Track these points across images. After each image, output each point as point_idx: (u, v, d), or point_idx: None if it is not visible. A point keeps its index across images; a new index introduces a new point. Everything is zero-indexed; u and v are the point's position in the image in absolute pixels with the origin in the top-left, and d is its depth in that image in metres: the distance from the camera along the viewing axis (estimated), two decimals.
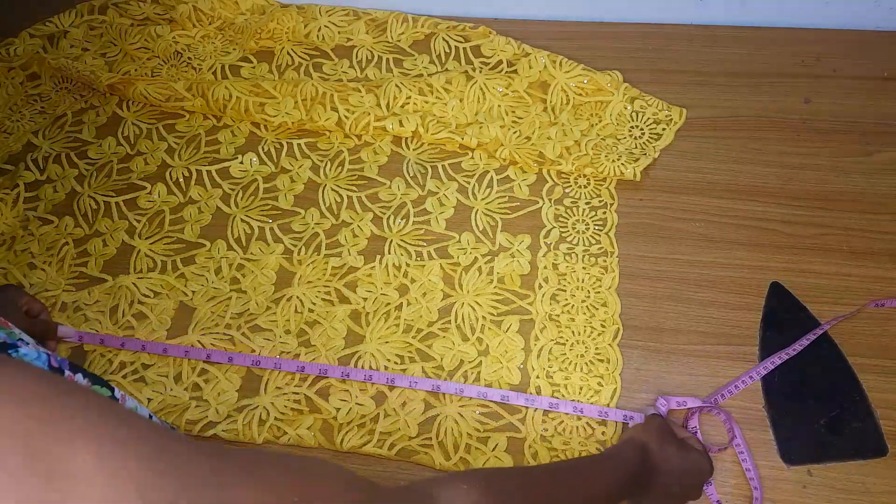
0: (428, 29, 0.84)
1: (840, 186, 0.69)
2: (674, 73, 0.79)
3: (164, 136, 0.78)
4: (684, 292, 0.63)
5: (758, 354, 0.60)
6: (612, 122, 0.75)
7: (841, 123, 0.73)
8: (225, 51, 0.86)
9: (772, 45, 0.80)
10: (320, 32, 0.85)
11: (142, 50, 0.86)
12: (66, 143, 0.78)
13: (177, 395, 0.60)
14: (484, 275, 0.65)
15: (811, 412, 0.57)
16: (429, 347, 0.61)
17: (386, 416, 0.58)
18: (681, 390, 0.58)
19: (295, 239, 0.69)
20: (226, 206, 0.72)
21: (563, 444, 0.56)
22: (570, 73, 0.77)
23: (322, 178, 0.73)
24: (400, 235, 0.68)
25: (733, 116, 0.75)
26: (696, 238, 0.66)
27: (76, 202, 0.72)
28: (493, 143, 0.72)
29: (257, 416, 0.58)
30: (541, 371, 0.59)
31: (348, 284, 0.65)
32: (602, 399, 0.58)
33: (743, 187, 0.69)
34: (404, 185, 0.72)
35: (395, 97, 0.76)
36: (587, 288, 0.64)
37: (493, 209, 0.69)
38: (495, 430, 0.57)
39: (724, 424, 0.56)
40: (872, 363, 0.59)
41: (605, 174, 0.70)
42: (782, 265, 0.64)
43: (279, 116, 0.76)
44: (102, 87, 0.80)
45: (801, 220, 0.67)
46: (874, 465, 0.54)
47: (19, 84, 0.84)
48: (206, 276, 0.67)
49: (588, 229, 0.67)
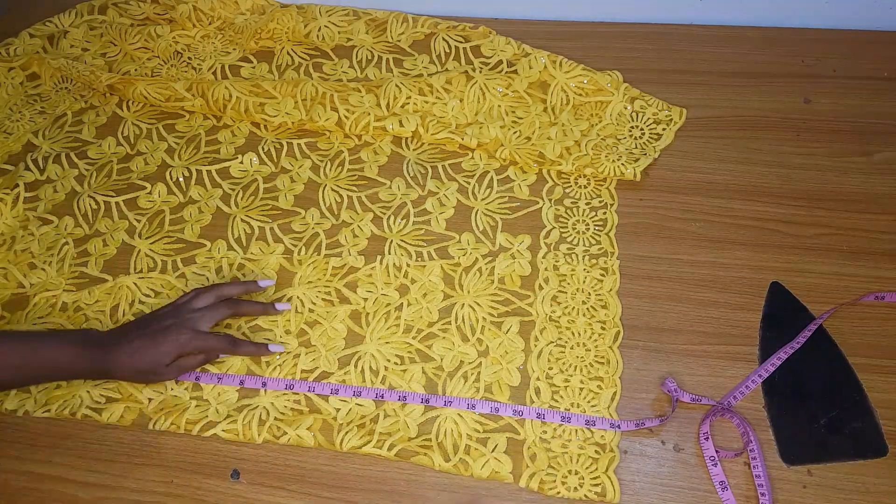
0: (428, 29, 0.84)
1: (840, 186, 0.69)
2: (674, 73, 0.79)
3: (164, 136, 0.78)
4: (684, 292, 0.63)
5: (758, 354, 0.60)
6: (612, 122, 0.75)
7: (841, 123, 0.73)
8: (225, 51, 0.86)
9: (772, 45, 0.80)
10: (320, 32, 0.85)
11: (142, 50, 0.86)
12: (66, 143, 0.78)
13: (177, 395, 0.60)
14: (484, 275, 0.65)
15: (811, 412, 0.57)
16: (429, 348, 0.61)
17: (386, 417, 0.58)
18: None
19: (295, 239, 0.69)
20: (226, 206, 0.72)
21: (561, 447, 0.56)
22: (570, 73, 0.77)
23: (322, 178, 0.73)
24: (400, 236, 0.68)
25: (733, 116, 0.75)
26: (696, 238, 0.66)
27: (76, 202, 0.72)
28: (493, 144, 0.72)
29: (257, 416, 0.58)
30: (540, 373, 0.59)
31: (348, 285, 0.65)
32: (601, 401, 0.58)
33: (743, 187, 0.69)
34: (404, 186, 0.72)
35: (395, 97, 0.76)
36: (587, 290, 0.64)
37: (493, 209, 0.69)
38: (495, 430, 0.57)
39: (737, 428, 0.56)
40: (872, 363, 0.59)
41: (605, 174, 0.70)
42: (782, 265, 0.64)
43: (279, 116, 0.76)
44: (102, 87, 0.80)
45: (801, 220, 0.67)
46: (874, 465, 0.54)
47: (19, 84, 0.84)
48: (207, 275, 0.67)
49: (588, 230, 0.67)
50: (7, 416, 0.60)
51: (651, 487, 0.54)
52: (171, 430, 0.58)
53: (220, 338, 0.58)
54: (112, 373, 0.57)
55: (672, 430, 0.56)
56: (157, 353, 0.56)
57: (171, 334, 0.56)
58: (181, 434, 0.58)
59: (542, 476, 0.54)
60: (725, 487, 0.53)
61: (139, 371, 0.57)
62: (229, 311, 0.59)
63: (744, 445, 0.55)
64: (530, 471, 0.55)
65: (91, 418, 0.59)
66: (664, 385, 0.57)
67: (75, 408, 0.59)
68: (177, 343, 0.56)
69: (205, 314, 0.58)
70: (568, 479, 0.54)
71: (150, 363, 0.56)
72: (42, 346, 0.56)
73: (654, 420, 0.56)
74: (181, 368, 0.58)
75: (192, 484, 0.56)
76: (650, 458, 0.55)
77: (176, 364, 0.57)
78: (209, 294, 0.60)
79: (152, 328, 0.57)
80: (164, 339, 0.56)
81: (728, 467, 0.54)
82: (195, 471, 0.57)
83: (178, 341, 0.56)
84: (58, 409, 0.59)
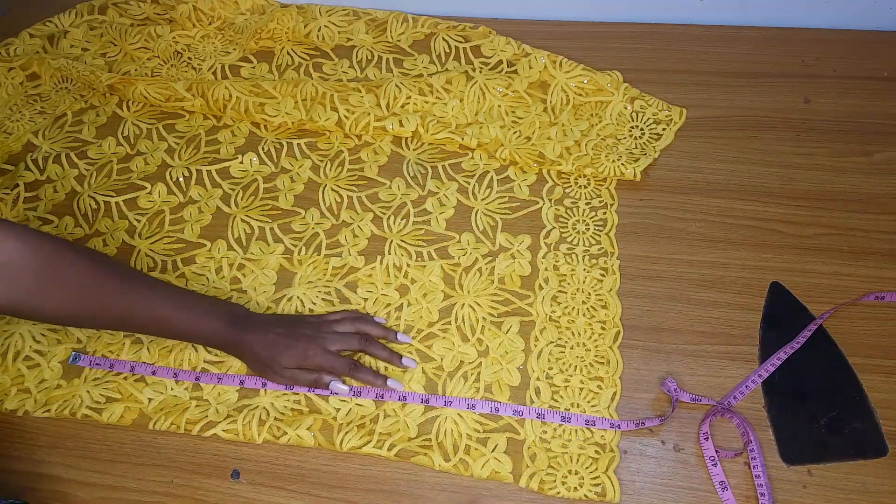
0: (428, 29, 0.84)
1: (840, 186, 0.69)
2: (674, 73, 0.79)
3: (164, 136, 0.78)
4: (684, 292, 0.63)
5: (758, 354, 0.60)
6: (612, 122, 0.75)
7: (841, 123, 0.73)
8: (225, 51, 0.86)
9: (772, 45, 0.80)
10: (320, 32, 0.85)
11: (142, 50, 0.86)
12: (66, 143, 0.78)
13: (177, 395, 0.60)
14: (484, 275, 0.65)
15: (811, 412, 0.57)
16: (429, 348, 0.61)
17: (386, 417, 0.58)
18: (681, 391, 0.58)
19: (295, 239, 0.69)
20: (226, 206, 0.72)
21: (561, 447, 0.56)
22: (570, 73, 0.77)
23: (322, 178, 0.73)
24: (400, 235, 0.68)
25: (733, 116, 0.75)
26: (696, 238, 0.67)
27: (76, 202, 0.72)
28: (493, 144, 0.72)
29: (257, 416, 0.58)
30: (540, 373, 0.59)
31: (349, 284, 0.65)
32: (601, 401, 0.58)
33: (743, 187, 0.69)
34: (404, 186, 0.72)
35: (395, 97, 0.76)
36: (587, 290, 0.64)
37: (493, 209, 0.69)
38: (495, 430, 0.57)
39: (737, 428, 0.56)
40: (872, 363, 0.59)
41: (605, 174, 0.70)
42: (782, 265, 0.64)
43: (279, 116, 0.76)
44: (102, 87, 0.80)
45: (801, 220, 0.67)
46: (874, 465, 0.54)
47: (19, 84, 0.84)
48: (207, 275, 0.67)
49: (588, 230, 0.67)
50: (7, 416, 0.60)
51: (651, 487, 0.54)
52: (171, 430, 0.58)
53: (344, 361, 0.59)
54: (241, 352, 0.59)
55: (672, 430, 0.56)
56: (284, 353, 0.57)
57: (302, 342, 0.58)
58: (181, 434, 0.58)
59: (542, 476, 0.54)
60: (725, 487, 0.53)
61: (261, 361, 0.58)
62: (359, 347, 0.60)
63: (744, 445, 0.55)
64: (530, 471, 0.55)
65: (91, 418, 0.59)
66: (663, 385, 0.57)
67: (75, 408, 0.59)
68: (304, 353, 0.58)
69: (338, 339, 0.59)
70: (568, 479, 0.54)
71: (274, 360, 0.58)
72: (198, 308, 0.58)
73: (654, 420, 0.56)
74: (294, 380, 0.58)
75: (192, 484, 0.56)
76: (650, 458, 0.55)
77: (292, 373, 0.58)
78: (351, 323, 0.61)
79: (291, 330, 0.59)
80: (295, 343, 0.58)
81: (728, 467, 0.54)
82: (195, 471, 0.57)
83: (306, 352, 0.58)
84: (58, 410, 0.59)
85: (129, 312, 0.56)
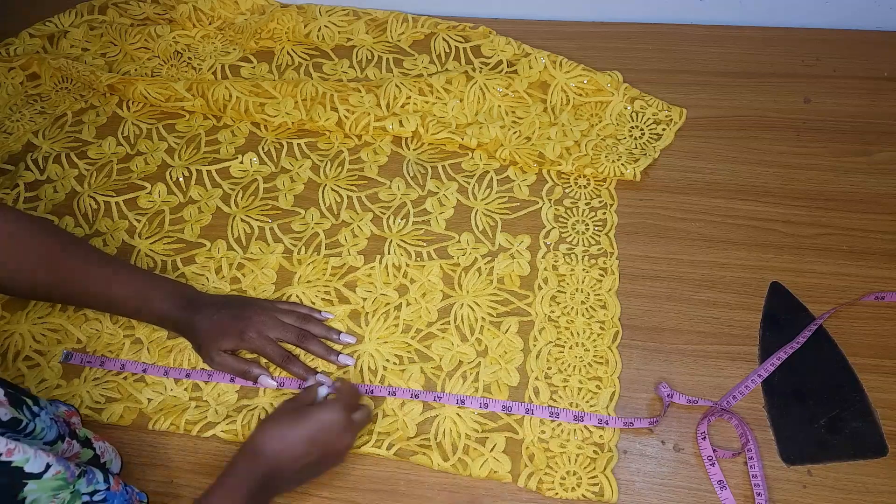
0: (428, 29, 0.84)
1: (840, 186, 0.69)
2: (674, 73, 0.79)
3: (164, 136, 0.78)
4: (684, 292, 0.63)
5: (758, 354, 0.60)
6: (612, 122, 0.75)
7: (841, 123, 0.73)
8: (225, 51, 0.86)
9: (772, 45, 0.80)
10: (320, 32, 0.85)
11: (142, 50, 0.86)
12: (66, 143, 0.78)
13: (177, 395, 0.60)
14: (483, 275, 0.65)
15: (811, 412, 0.57)
16: (427, 348, 0.61)
17: (384, 417, 0.58)
18: (680, 391, 0.58)
19: (295, 239, 0.69)
20: (226, 205, 0.72)
21: (559, 447, 0.56)
22: (570, 73, 0.77)
23: (322, 178, 0.73)
24: (400, 235, 0.68)
25: (733, 116, 0.75)
26: (696, 238, 0.66)
27: (76, 202, 0.73)
28: (493, 144, 0.72)
29: (257, 416, 0.58)
30: (539, 373, 0.59)
31: (348, 284, 0.65)
32: (600, 401, 0.58)
33: (743, 187, 0.69)
34: (404, 185, 0.72)
35: (395, 97, 0.76)
36: (587, 290, 0.64)
37: (493, 209, 0.69)
38: (494, 430, 0.57)
39: (735, 429, 0.56)
40: (872, 363, 0.59)
41: (605, 174, 0.70)
42: (782, 265, 0.64)
43: (279, 116, 0.76)
44: (102, 87, 0.80)
45: (801, 220, 0.67)
46: (874, 465, 0.54)
47: (19, 84, 0.84)
48: (207, 275, 0.67)
49: (588, 230, 0.67)
50: None
51: (651, 487, 0.54)
52: (170, 430, 0.58)
53: (278, 350, 0.59)
54: (187, 334, 0.59)
55: (672, 430, 0.56)
56: (222, 336, 0.58)
57: (241, 323, 0.58)
58: (181, 434, 0.58)
59: (541, 476, 0.54)
60: (724, 487, 0.53)
61: (198, 343, 0.59)
62: (296, 341, 0.60)
63: (742, 446, 0.55)
64: (528, 470, 0.55)
65: (91, 418, 0.59)
66: (658, 391, 0.57)
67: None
68: (242, 335, 0.58)
69: (278, 326, 0.59)
70: (566, 479, 0.54)
71: (211, 342, 0.58)
72: (157, 286, 0.59)
73: (644, 421, 0.56)
74: (223, 366, 0.58)
75: (192, 484, 0.56)
76: (650, 457, 0.55)
77: (222, 358, 0.58)
78: (297, 318, 0.61)
79: (236, 311, 0.59)
80: (236, 324, 0.58)
81: (727, 467, 0.54)
82: (195, 471, 0.57)
83: (244, 334, 0.58)
84: None
85: (85, 289, 0.57)
